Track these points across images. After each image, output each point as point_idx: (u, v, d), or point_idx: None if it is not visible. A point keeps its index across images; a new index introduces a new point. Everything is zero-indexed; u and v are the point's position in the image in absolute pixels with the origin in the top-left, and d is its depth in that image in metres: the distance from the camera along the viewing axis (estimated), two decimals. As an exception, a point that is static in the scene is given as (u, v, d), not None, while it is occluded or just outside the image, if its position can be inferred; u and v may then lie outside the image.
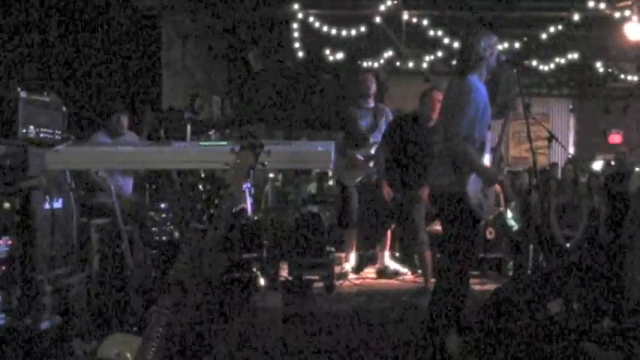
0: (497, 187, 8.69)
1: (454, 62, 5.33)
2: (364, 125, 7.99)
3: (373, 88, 8.11)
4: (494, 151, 5.18)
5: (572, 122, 17.71)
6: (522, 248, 8.26)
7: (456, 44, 11.66)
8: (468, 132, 4.85)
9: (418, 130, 7.33)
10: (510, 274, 8.24)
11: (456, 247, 4.92)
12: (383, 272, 8.15)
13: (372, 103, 8.12)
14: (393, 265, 8.27)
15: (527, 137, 5.70)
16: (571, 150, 16.58)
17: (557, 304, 5.48)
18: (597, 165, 13.78)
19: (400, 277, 8.09)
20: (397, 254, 8.55)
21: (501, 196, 8.48)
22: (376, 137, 7.89)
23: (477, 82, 5.00)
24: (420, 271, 7.67)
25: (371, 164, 7.90)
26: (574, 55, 13.51)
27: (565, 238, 8.50)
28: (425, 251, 7.24)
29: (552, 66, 13.85)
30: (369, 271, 8.39)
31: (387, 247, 8.30)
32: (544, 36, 11.85)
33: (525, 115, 5.85)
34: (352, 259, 8.21)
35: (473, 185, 4.85)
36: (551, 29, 11.68)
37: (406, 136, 7.34)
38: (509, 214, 8.81)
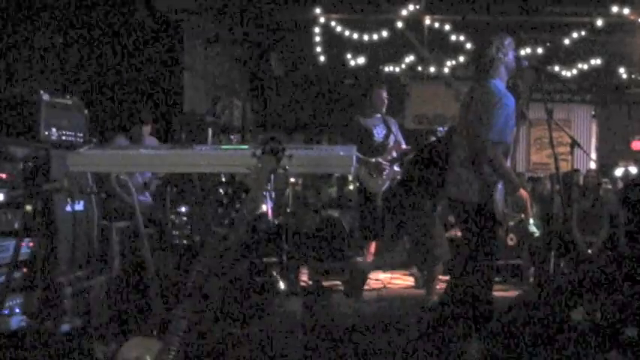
0: (525, 193, 8.65)
1: (473, 69, 5.30)
2: (381, 133, 7.96)
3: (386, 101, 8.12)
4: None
5: (594, 128, 17.56)
6: (544, 255, 8.21)
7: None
8: (499, 138, 4.83)
9: None
10: (531, 280, 8.19)
11: (481, 255, 4.95)
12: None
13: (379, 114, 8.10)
14: None
15: (550, 143, 5.66)
16: (593, 156, 16.44)
17: (580, 311, 5.43)
18: (619, 172, 13.66)
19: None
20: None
21: (528, 203, 8.43)
22: (391, 140, 7.91)
23: (502, 86, 4.98)
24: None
25: (396, 167, 7.84)
26: (597, 61, 13.43)
27: (587, 245, 8.44)
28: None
29: (575, 72, 13.78)
30: (388, 277, 8.37)
31: None
32: (567, 41, 11.79)
33: (548, 121, 5.80)
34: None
35: (498, 195, 4.88)
36: (574, 35, 11.62)
37: None
38: (531, 220, 8.74)
